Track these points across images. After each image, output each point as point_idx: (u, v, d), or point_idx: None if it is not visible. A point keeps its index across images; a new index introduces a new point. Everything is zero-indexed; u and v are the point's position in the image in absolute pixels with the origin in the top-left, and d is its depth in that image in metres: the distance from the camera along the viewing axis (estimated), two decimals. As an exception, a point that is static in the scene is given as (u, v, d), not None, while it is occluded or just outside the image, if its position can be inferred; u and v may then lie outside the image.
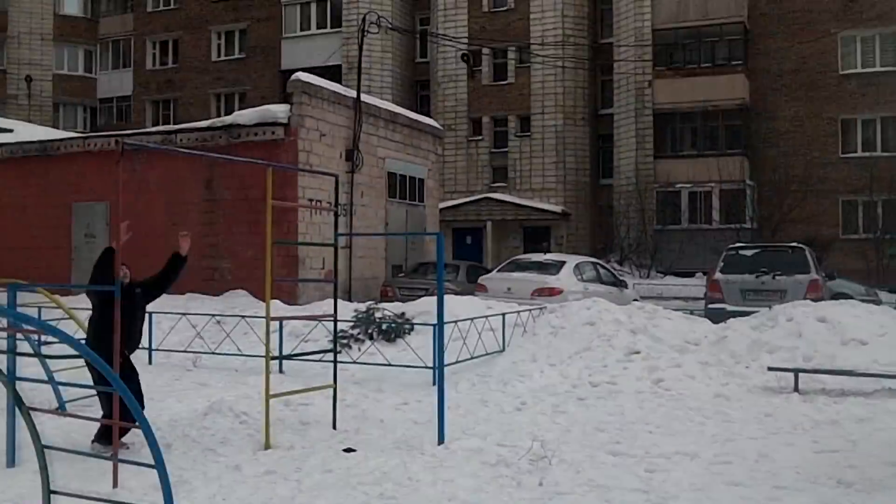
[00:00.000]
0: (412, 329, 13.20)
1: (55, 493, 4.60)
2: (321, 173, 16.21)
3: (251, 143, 18.81)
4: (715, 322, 13.28)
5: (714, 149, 33.43)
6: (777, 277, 16.01)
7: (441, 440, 7.56)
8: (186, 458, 7.10)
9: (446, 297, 8.87)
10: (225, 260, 18.85)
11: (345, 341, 12.77)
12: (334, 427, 8.28)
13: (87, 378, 7.22)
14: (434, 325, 9.25)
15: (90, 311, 7.72)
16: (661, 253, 32.47)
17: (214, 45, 45.05)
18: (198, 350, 13.20)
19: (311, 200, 18.71)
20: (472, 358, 12.13)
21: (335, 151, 20.07)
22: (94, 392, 8.01)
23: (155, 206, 19.02)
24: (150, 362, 13.02)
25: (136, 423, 4.27)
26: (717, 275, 16.74)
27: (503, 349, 12.69)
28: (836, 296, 17.36)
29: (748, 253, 17.40)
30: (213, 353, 13.09)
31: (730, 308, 15.60)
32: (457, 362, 11.72)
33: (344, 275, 19.70)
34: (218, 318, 14.23)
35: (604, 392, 10.36)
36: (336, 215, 9.12)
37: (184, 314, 14.16)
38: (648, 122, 34.83)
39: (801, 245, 17.71)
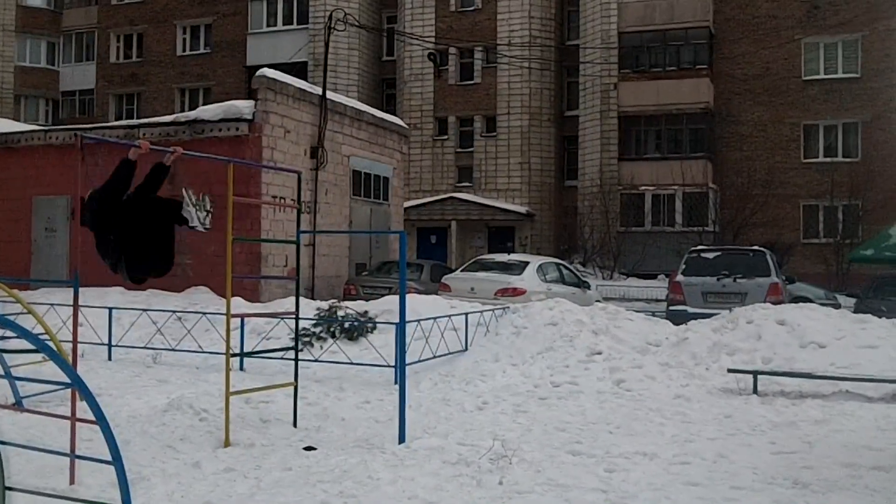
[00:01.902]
0: (375, 328, 13.17)
1: (11, 489, 4.54)
2: (285, 170, 16.14)
3: (215, 138, 18.67)
4: (676, 324, 13.38)
5: (678, 152, 33.74)
6: (738, 280, 16.16)
7: (402, 439, 7.54)
8: (145, 455, 7.02)
9: (409, 297, 8.87)
10: (187, 256, 18.69)
11: (307, 339, 12.71)
12: (295, 425, 8.24)
13: (45, 374, 7.13)
14: (396, 324, 9.23)
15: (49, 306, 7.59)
16: (624, 255, 32.70)
17: (180, 39, 44.69)
18: (158, 347, 13.08)
19: (274, 197, 18.62)
20: (434, 357, 12.13)
21: (300, 149, 19.99)
22: (52, 388, 7.89)
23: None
24: (109, 358, 12.90)
25: (95, 420, 4.22)
26: (679, 277, 16.87)
27: (466, 349, 12.70)
28: (796, 299, 17.56)
29: (710, 256, 17.55)
30: (174, 349, 12.98)
31: (691, 310, 15.72)
32: (419, 361, 11.72)
33: (307, 273, 19.63)
34: (179, 314, 14.12)
35: (565, 392, 10.39)
36: (299, 212, 9.07)
37: (144, 310, 14.03)
38: (613, 124, 35.05)
39: (762, 248, 17.88)
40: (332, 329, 13.20)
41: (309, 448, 7.38)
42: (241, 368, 11.91)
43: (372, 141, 23.46)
